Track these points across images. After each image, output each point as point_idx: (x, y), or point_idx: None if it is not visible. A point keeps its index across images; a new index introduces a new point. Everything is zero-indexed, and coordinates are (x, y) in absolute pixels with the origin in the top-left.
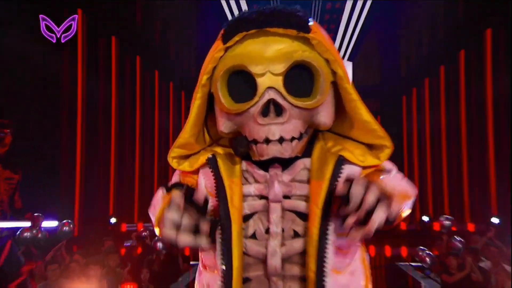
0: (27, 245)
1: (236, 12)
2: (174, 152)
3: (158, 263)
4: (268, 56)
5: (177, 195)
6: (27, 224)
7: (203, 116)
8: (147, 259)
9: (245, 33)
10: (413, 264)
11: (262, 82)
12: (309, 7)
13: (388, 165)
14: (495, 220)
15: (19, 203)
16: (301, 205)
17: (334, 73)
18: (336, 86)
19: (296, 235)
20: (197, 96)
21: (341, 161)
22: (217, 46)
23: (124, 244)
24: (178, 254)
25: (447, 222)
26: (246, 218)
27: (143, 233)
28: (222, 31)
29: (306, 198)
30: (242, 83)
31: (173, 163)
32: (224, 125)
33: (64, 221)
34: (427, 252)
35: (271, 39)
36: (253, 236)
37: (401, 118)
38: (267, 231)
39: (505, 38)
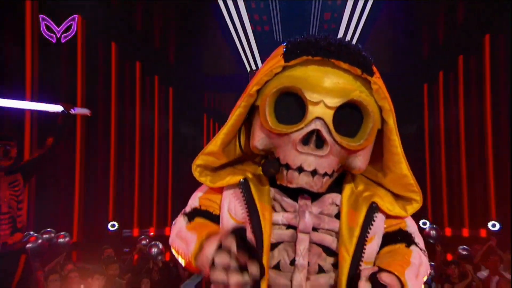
0: (40, 256)
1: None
2: (200, 160)
3: (157, 272)
4: (327, 86)
5: (228, 239)
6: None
7: (240, 125)
8: (146, 268)
9: (310, 58)
10: None
11: (313, 111)
12: (309, 5)
13: (411, 225)
14: (493, 226)
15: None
16: (329, 240)
17: (383, 121)
18: (380, 134)
19: (320, 270)
20: (241, 104)
21: (373, 209)
22: (277, 62)
23: (124, 250)
24: (177, 263)
25: (432, 232)
26: (272, 247)
27: (142, 242)
28: (283, 48)
29: (335, 234)
30: (291, 105)
31: (195, 172)
32: (260, 141)
33: (61, 233)
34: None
35: (333, 71)
36: (277, 266)
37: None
38: (292, 262)
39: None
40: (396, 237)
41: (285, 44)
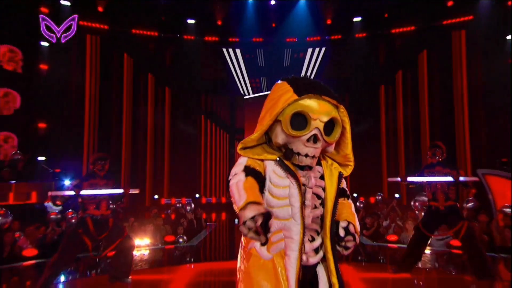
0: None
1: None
2: (241, 145)
3: (187, 223)
4: (321, 110)
5: (259, 216)
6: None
7: (265, 131)
8: (180, 221)
9: (311, 95)
10: None
11: (314, 123)
12: (282, 55)
13: (344, 183)
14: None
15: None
16: (320, 191)
17: (343, 127)
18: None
19: (315, 207)
20: (268, 119)
21: (341, 175)
22: (291, 97)
23: (165, 212)
24: (201, 217)
25: (378, 198)
26: None
27: (177, 205)
28: (292, 86)
29: (321, 188)
30: (300, 120)
31: (239, 150)
32: (281, 139)
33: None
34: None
35: (323, 102)
36: None
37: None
38: (303, 203)
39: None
40: (342, 192)
41: (284, 81)
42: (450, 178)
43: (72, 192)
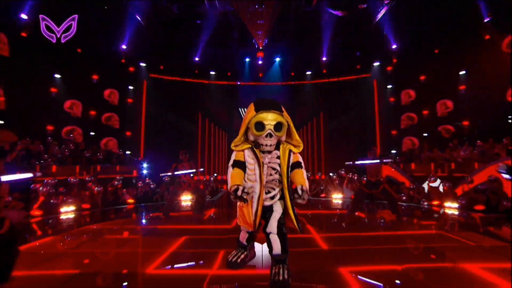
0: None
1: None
2: (233, 143)
3: (210, 190)
4: (270, 118)
5: (237, 188)
6: None
7: (243, 133)
8: (206, 189)
9: (263, 110)
10: None
11: (267, 126)
12: (265, 93)
13: (300, 158)
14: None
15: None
16: (276, 165)
17: (289, 125)
18: (289, 129)
19: (270, 175)
20: (243, 127)
21: (290, 152)
22: (252, 113)
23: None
24: (218, 186)
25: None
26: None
27: (206, 179)
28: (255, 106)
29: (277, 164)
30: (260, 125)
31: (232, 147)
32: (252, 138)
33: None
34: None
35: (271, 113)
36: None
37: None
38: (261, 173)
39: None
40: (296, 164)
41: (252, 103)
42: (377, 161)
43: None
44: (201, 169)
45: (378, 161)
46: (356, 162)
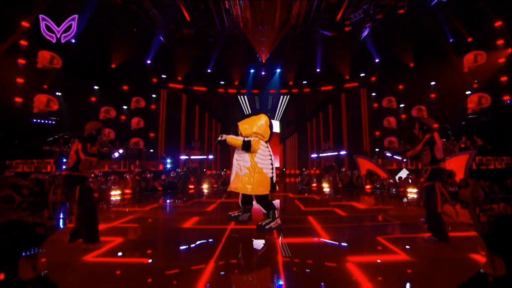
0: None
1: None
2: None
3: (223, 179)
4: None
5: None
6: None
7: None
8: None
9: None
10: None
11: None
12: (267, 99)
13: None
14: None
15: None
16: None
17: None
18: None
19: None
20: (267, 126)
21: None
22: (266, 118)
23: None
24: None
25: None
26: None
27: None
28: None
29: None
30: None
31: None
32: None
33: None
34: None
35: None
36: None
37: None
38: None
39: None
40: None
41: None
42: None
43: (186, 156)
44: (211, 157)
45: (335, 153)
46: (321, 155)
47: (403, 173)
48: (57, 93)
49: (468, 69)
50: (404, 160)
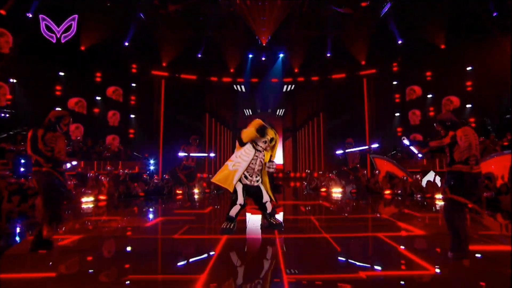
0: None
1: None
2: (247, 138)
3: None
4: (271, 134)
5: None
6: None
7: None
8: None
9: (268, 127)
10: None
11: (267, 137)
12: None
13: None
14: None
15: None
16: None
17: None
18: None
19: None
20: (254, 129)
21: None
22: (260, 122)
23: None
24: None
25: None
26: None
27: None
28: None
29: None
30: (263, 134)
31: (245, 140)
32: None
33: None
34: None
35: (272, 130)
36: None
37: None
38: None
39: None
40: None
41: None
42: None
43: (184, 153)
44: (212, 155)
45: (365, 147)
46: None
47: (431, 176)
48: (11, 80)
49: None
50: (420, 155)
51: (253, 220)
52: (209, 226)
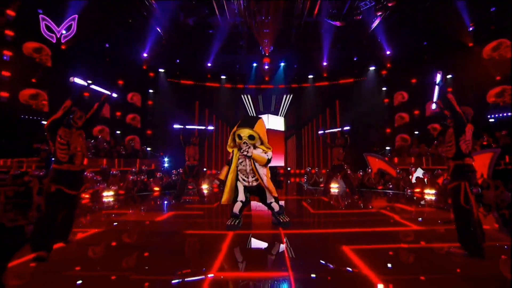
0: None
1: None
2: (228, 147)
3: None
4: (244, 132)
5: (218, 181)
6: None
7: (232, 140)
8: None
9: (241, 127)
10: None
11: (243, 138)
12: (271, 95)
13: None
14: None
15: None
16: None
17: (259, 136)
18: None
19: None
20: (231, 137)
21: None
22: (235, 128)
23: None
24: None
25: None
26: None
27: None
28: (238, 124)
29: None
30: (239, 137)
31: (228, 149)
32: (237, 144)
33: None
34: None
35: (244, 128)
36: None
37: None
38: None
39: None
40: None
41: (239, 121)
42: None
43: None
44: (211, 127)
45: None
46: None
47: (419, 173)
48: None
49: (489, 59)
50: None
51: (259, 216)
52: (216, 220)
